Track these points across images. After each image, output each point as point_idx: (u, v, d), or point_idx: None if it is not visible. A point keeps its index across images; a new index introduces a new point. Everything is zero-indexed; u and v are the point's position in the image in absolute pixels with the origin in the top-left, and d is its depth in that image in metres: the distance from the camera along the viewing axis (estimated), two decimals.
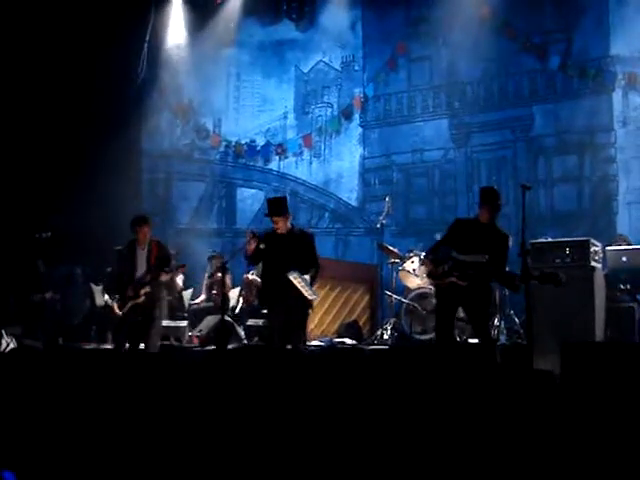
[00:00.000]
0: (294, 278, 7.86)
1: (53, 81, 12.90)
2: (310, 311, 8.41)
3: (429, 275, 8.00)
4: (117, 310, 8.93)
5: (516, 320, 9.85)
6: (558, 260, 8.54)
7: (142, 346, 8.94)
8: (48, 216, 12.22)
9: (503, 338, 9.63)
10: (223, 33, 14.24)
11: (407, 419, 4.39)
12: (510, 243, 7.74)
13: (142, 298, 8.72)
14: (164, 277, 9.00)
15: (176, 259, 9.72)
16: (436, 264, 7.72)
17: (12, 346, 9.69)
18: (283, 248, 8.01)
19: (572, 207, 11.77)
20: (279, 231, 8.11)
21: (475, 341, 9.33)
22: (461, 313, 8.20)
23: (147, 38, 14.50)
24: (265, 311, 10.76)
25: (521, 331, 9.62)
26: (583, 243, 8.64)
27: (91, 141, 13.01)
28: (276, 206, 8.18)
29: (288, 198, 13.64)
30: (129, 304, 8.76)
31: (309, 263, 8.07)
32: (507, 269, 7.73)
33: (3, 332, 9.55)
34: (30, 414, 5.00)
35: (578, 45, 12.02)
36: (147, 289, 8.76)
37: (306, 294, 7.91)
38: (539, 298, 8.03)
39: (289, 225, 8.17)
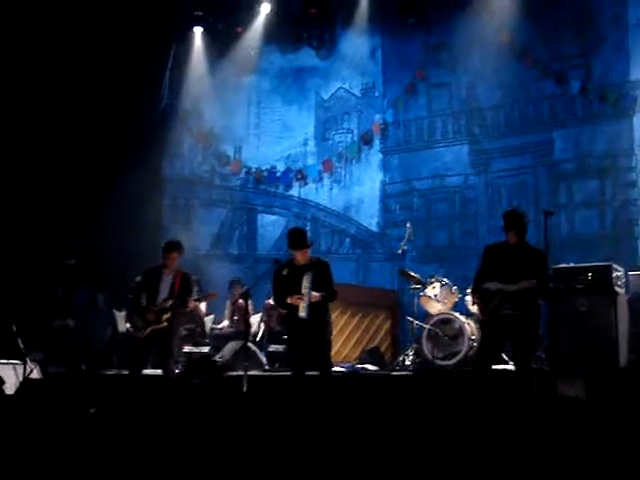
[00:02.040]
0: (304, 287, 7.91)
1: (75, 109, 13.04)
2: (330, 337, 8.42)
3: (482, 312, 7.83)
4: (136, 334, 8.94)
5: None
6: (580, 285, 8.52)
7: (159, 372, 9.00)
8: (70, 242, 12.31)
9: None
10: (244, 61, 14.35)
11: (430, 443, 4.38)
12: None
13: (164, 324, 8.75)
14: (191, 304, 9.06)
15: (199, 286, 9.77)
16: (485, 300, 7.63)
17: (35, 372, 9.72)
18: (301, 278, 8.05)
19: (594, 232, 11.71)
20: (299, 262, 8.15)
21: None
22: None
23: (169, 66, 14.67)
24: (286, 337, 10.82)
25: (543, 357, 9.56)
26: (605, 268, 8.62)
27: (113, 167, 13.11)
28: (297, 239, 8.19)
29: (308, 225, 13.96)
30: (150, 329, 8.78)
31: (326, 291, 8.09)
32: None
33: (27, 358, 9.58)
34: (52, 438, 5.03)
35: (598, 70, 12.01)
36: (169, 315, 8.79)
37: (300, 308, 7.95)
38: (562, 324, 8.01)
39: (307, 256, 8.20)
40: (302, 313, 7.97)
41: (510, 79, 12.61)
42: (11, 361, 9.76)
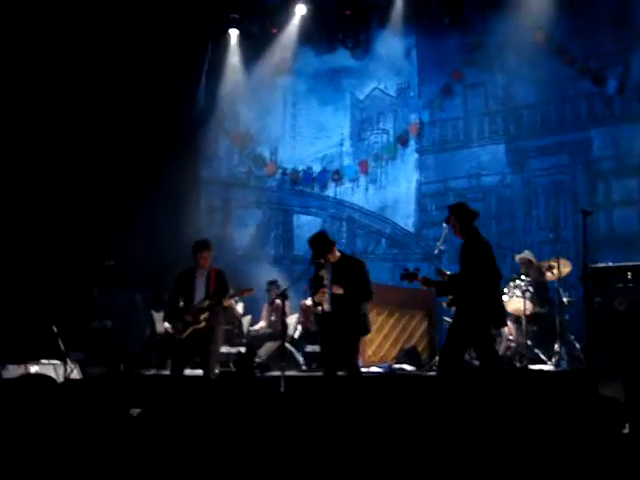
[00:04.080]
0: (325, 279, 8.01)
1: (113, 113, 13.17)
2: (362, 337, 8.48)
3: None
4: (176, 335, 8.99)
5: (577, 346, 9.74)
6: (620, 285, 8.44)
7: (201, 372, 9.05)
8: (109, 244, 12.44)
9: (564, 364, 9.52)
10: (279, 62, 14.40)
11: (468, 443, 4.37)
12: (480, 251, 7.69)
13: (203, 324, 8.80)
14: (226, 302, 9.08)
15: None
16: None
17: (75, 372, 9.85)
18: (335, 276, 8.05)
19: (633, 231, 11.57)
20: (328, 261, 8.14)
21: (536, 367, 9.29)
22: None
23: (205, 68, 14.77)
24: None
25: (582, 357, 9.50)
26: None
27: (151, 170, 13.23)
28: (317, 247, 8.15)
29: (344, 225, 13.98)
30: (189, 329, 8.84)
31: (355, 289, 8.05)
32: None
33: (67, 359, 9.71)
34: (92, 438, 5.07)
35: (636, 68, 11.89)
36: (207, 315, 8.84)
37: (323, 301, 8.02)
38: (601, 323, 7.94)
39: (337, 254, 8.17)
40: (325, 306, 8.00)
41: (546, 78, 12.52)
42: (52, 361, 9.90)
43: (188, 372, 9.47)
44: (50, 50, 12.46)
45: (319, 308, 8.19)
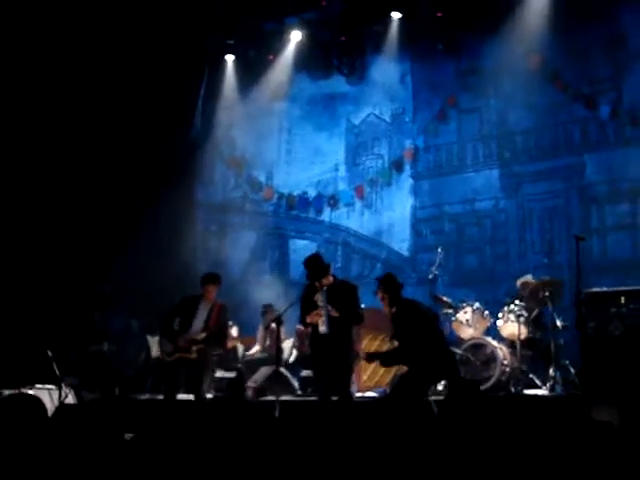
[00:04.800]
0: (320, 302, 8.04)
1: (110, 138, 13.24)
2: (355, 361, 8.55)
3: None
4: (162, 357, 9.05)
5: (571, 370, 9.74)
6: (613, 309, 8.48)
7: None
8: (106, 268, 12.47)
9: (559, 389, 9.53)
10: (275, 88, 14.48)
11: (463, 469, 4.38)
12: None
13: (193, 355, 8.85)
14: (230, 344, 9.21)
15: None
16: None
17: (70, 397, 9.83)
18: (329, 299, 8.11)
19: (626, 255, 11.60)
20: (321, 285, 8.22)
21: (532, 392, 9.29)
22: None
23: (201, 93, 14.85)
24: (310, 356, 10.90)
25: (576, 381, 9.50)
26: (639, 292, 8.56)
27: (147, 194, 13.29)
28: (313, 269, 8.24)
29: (340, 250, 14.00)
30: (177, 355, 8.88)
31: (347, 313, 8.11)
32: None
33: (62, 383, 9.70)
34: (87, 463, 5.06)
35: (629, 93, 11.95)
36: (199, 347, 8.89)
37: (319, 323, 8.07)
38: (595, 348, 7.96)
39: (331, 278, 8.26)
40: (322, 327, 8.04)
41: (540, 103, 12.60)
42: (47, 386, 9.89)
43: (182, 397, 9.48)
44: (47, 73, 12.53)
45: (309, 329, 8.26)
